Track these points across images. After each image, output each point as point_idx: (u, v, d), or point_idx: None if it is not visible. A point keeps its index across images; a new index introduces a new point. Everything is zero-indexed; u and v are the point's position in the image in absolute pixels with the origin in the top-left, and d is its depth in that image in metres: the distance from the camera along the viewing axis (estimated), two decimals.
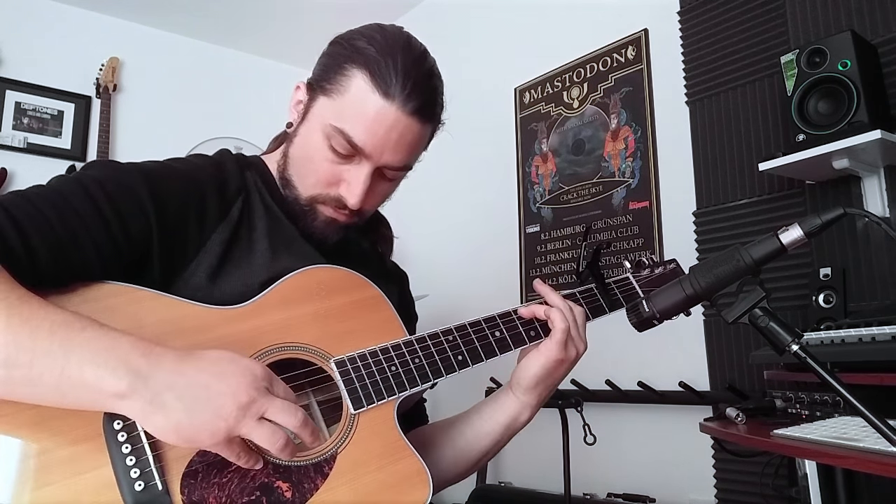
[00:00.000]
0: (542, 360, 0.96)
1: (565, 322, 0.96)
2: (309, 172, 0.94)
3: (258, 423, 0.70)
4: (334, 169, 0.92)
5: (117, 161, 0.86)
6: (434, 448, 1.04)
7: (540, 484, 2.33)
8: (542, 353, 0.96)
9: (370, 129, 0.88)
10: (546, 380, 0.98)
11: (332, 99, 0.90)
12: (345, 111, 0.89)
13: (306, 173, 0.94)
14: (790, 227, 0.80)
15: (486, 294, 2.89)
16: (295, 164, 0.96)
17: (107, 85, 3.39)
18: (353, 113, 0.88)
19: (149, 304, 0.79)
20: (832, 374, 0.73)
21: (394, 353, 0.90)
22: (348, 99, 0.89)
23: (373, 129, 0.88)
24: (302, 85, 0.97)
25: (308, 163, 0.93)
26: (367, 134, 0.88)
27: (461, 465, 1.05)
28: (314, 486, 0.79)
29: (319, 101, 0.92)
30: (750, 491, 1.87)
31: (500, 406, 1.02)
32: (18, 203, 0.74)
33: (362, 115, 0.88)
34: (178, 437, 0.68)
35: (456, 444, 1.04)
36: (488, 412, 1.03)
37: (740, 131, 2.08)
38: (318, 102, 0.92)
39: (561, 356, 0.96)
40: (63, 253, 0.74)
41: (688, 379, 2.04)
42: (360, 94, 0.88)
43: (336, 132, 0.89)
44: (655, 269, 1.16)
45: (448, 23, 3.33)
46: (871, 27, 1.79)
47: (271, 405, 0.70)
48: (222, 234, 0.88)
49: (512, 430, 1.03)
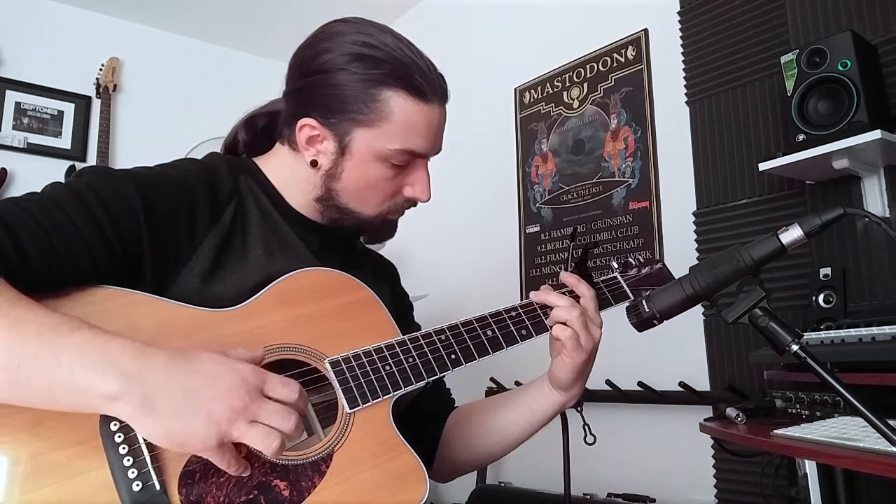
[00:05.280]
0: (568, 368, 1.00)
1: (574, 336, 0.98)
2: (373, 196, 0.97)
3: (250, 425, 0.69)
4: (395, 181, 0.97)
5: (109, 168, 0.86)
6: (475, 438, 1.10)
7: (540, 484, 2.33)
8: (566, 362, 1.00)
9: (427, 136, 0.95)
10: (581, 377, 1.03)
11: (378, 127, 0.92)
12: (397, 132, 0.92)
13: (370, 198, 0.97)
14: (790, 227, 0.80)
15: (486, 294, 2.88)
16: (351, 194, 0.97)
17: (107, 85, 3.39)
18: (407, 129, 0.92)
19: (143, 307, 0.79)
20: (832, 374, 0.73)
21: (387, 353, 0.91)
22: (395, 120, 0.92)
23: (429, 135, 0.95)
24: (309, 123, 0.94)
25: (370, 189, 0.96)
26: (425, 140, 0.95)
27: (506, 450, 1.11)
28: (311, 485, 0.79)
29: (358, 133, 0.92)
30: (750, 491, 1.87)
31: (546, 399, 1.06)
32: (12, 210, 0.74)
33: (416, 128, 0.93)
34: (170, 442, 0.68)
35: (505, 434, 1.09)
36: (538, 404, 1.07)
37: (740, 131, 2.08)
38: (358, 135, 0.92)
39: (583, 358, 0.99)
40: (57, 260, 0.74)
41: (688, 379, 2.04)
42: (405, 112, 0.92)
43: (398, 153, 0.93)
44: (643, 270, 1.17)
45: (448, 23, 3.32)
46: (871, 27, 1.79)
47: (263, 410, 0.70)
48: (214, 238, 0.88)
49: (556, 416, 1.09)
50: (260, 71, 3.89)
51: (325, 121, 0.93)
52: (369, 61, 0.91)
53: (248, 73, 3.86)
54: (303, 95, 0.95)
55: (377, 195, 0.97)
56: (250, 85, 4.06)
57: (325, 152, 0.95)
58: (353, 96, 0.91)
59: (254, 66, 3.87)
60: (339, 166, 0.95)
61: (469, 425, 1.11)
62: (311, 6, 3.40)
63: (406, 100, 0.91)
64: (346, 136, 0.93)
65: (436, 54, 1.00)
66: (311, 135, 0.94)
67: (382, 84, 0.90)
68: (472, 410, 1.14)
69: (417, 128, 0.93)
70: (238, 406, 0.68)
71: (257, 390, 0.71)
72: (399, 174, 0.96)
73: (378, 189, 0.96)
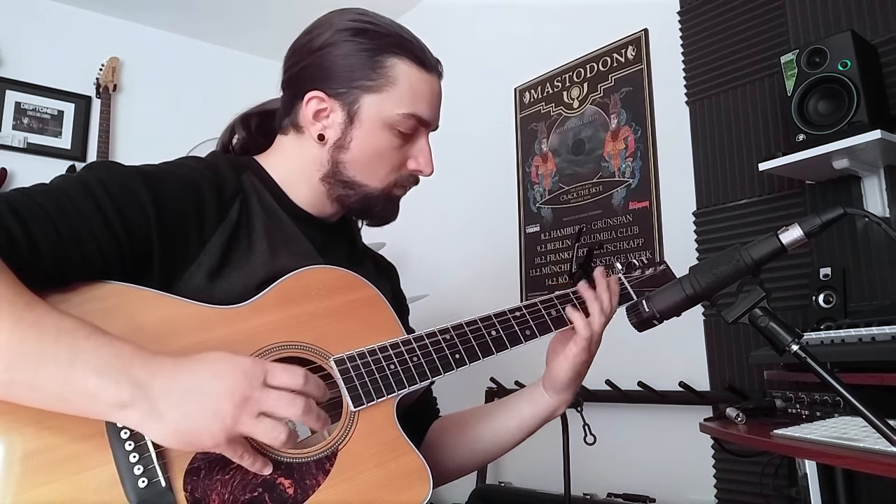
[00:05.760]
0: (569, 365, 1.02)
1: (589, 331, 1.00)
2: (380, 166, 0.98)
3: (257, 419, 0.70)
4: (401, 152, 0.99)
5: (119, 163, 0.86)
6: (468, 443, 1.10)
7: (540, 484, 2.33)
8: (568, 358, 1.02)
9: (430, 103, 0.98)
10: (577, 378, 1.04)
11: (386, 92, 0.94)
12: (404, 97, 0.95)
13: (376, 168, 0.98)
14: (790, 227, 0.80)
15: (486, 294, 2.89)
16: (358, 165, 0.98)
17: (107, 85, 3.39)
18: (413, 95, 0.95)
19: (150, 303, 0.79)
20: (832, 374, 0.73)
21: (392, 352, 0.91)
22: (402, 85, 0.95)
23: (431, 102, 0.98)
24: (317, 95, 0.96)
25: (378, 159, 0.98)
26: (429, 108, 0.98)
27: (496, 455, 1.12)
28: (316, 483, 0.80)
29: (366, 99, 0.94)
30: (750, 491, 1.87)
31: (538, 403, 1.07)
32: (22, 200, 0.74)
33: (420, 94, 0.96)
34: (180, 443, 0.69)
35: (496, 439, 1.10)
36: (529, 410, 1.08)
37: (740, 131, 2.08)
38: (366, 101, 0.95)
39: (586, 357, 1.02)
40: (65, 250, 0.74)
41: (688, 379, 2.04)
42: (410, 78, 0.95)
43: (405, 118, 0.95)
44: (646, 271, 1.17)
45: (448, 23, 3.33)
46: (871, 27, 1.79)
47: (267, 399, 0.71)
48: (221, 235, 0.88)
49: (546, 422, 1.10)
50: (259, 71, 3.89)
51: (332, 92, 0.95)
52: (372, 34, 0.95)
53: (248, 73, 3.85)
54: (307, 73, 0.97)
55: (384, 165, 0.98)
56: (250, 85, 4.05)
57: (333, 124, 0.96)
58: (360, 64, 0.94)
59: (253, 66, 3.87)
60: (347, 135, 0.96)
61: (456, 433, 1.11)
62: (312, 6, 3.40)
63: (410, 66, 0.95)
64: (355, 104, 0.95)
65: (436, 54, 1.01)
66: (319, 108, 0.96)
67: (387, 52, 0.94)
68: (459, 419, 1.14)
69: (422, 94, 0.97)
70: (240, 400, 0.69)
71: (259, 381, 0.71)
72: (404, 144, 0.98)
73: (385, 159, 0.98)
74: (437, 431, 1.13)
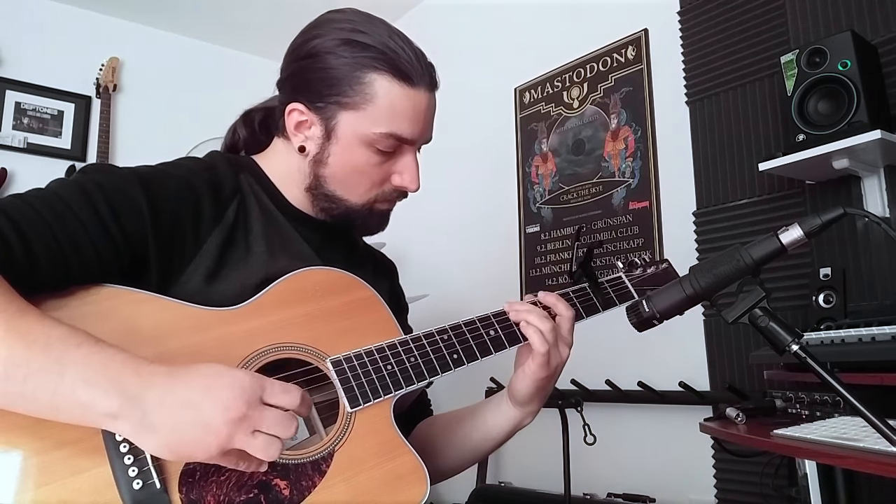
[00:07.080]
0: (529, 381, 0.98)
1: (545, 345, 0.95)
2: (359, 182, 0.96)
3: (252, 436, 0.68)
4: (383, 168, 0.96)
5: (114, 165, 0.86)
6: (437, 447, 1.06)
7: (540, 484, 2.33)
8: (527, 374, 0.97)
9: (413, 120, 0.93)
10: (539, 392, 1.00)
11: (363, 110, 0.91)
12: (382, 116, 0.91)
13: (356, 184, 0.96)
14: (790, 227, 0.80)
15: (486, 294, 2.88)
16: (338, 180, 0.96)
17: (107, 85, 3.39)
18: (392, 113, 0.91)
19: (146, 305, 0.79)
20: (832, 374, 0.73)
21: (389, 353, 0.90)
22: (380, 103, 0.91)
23: (415, 119, 0.93)
24: (297, 108, 0.94)
25: (357, 175, 0.95)
26: (411, 125, 0.93)
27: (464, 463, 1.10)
28: (312, 484, 0.79)
29: (343, 116, 0.92)
30: (750, 491, 1.87)
31: (502, 414, 1.04)
32: (18, 206, 0.74)
33: (401, 112, 0.92)
34: (172, 454, 0.67)
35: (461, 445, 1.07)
36: (492, 419, 1.05)
37: (740, 131, 2.08)
38: (343, 118, 0.92)
39: (546, 373, 0.97)
40: (62, 256, 0.74)
41: (688, 379, 2.04)
42: (390, 95, 0.91)
43: (383, 137, 0.92)
44: (648, 269, 1.17)
45: (448, 23, 3.33)
46: (871, 27, 1.79)
47: (264, 420, 0.68)
48: (218, 237, 0.88)
49: (515, 433, 1.06)
50: (260, 71, 3.87)
51: (312, 105, 0.93)
52: (357, 46, 0.91)
53: (248, 73, 3.85)
54: (292, 81, 0.96)
55: (364, 182, 0.96)
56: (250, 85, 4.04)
57: (313, 138, 0.95)
58: (339, 79, 0.91)
59: (254, 66, 3.87)
60: (325, 151, 0.94)
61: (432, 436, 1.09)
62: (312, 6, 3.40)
63: (391, 83, 0.91)
64: (332, 120, 0.93)
65: (436, 54, 1.00)
66: (300, 120, 0.95)
67: (367, 67, 0.90)
68: (436, 421, 1.13)
69: (403, 112, 0.92)
70: (236, 417, 0.67)
71: (257, 399, 0.69)
72: (386, 161, 0.95)
73: (365, 175, 0.95)
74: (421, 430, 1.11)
